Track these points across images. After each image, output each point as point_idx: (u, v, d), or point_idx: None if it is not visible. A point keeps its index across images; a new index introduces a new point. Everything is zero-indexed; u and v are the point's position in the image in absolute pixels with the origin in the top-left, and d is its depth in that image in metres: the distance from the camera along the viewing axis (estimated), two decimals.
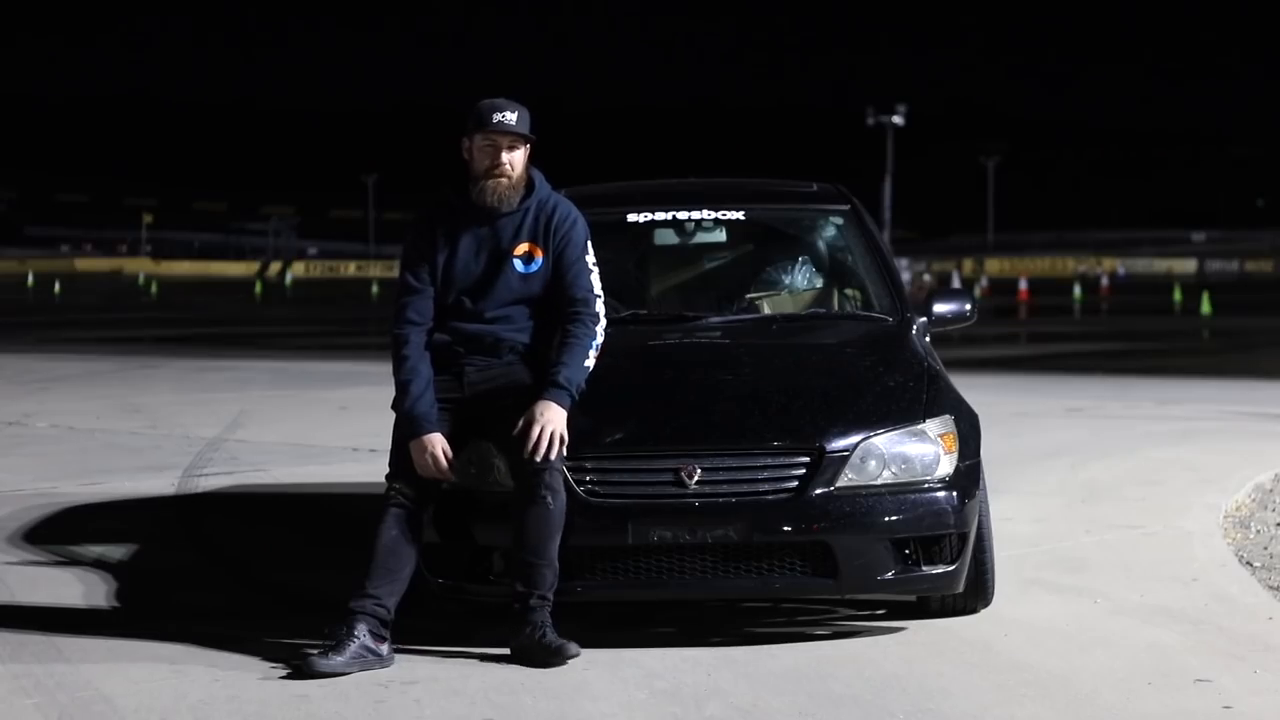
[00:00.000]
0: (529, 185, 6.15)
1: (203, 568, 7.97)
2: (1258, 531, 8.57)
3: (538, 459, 5.83)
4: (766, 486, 5.97)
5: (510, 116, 6.08)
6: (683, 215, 7.69)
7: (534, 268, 6.11)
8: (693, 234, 7.76)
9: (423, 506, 5.97)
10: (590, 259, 6.17)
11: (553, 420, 5.86)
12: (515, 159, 6.09)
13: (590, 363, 6.03)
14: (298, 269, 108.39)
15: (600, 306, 6.14)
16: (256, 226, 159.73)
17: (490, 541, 6.06)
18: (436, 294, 6.11)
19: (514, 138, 6.08)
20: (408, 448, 5.98)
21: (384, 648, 5.82)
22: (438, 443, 5.92)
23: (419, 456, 5.93)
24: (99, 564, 7.78)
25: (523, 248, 6.11)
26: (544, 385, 5.94)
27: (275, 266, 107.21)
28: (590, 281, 6.13)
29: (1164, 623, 6.43)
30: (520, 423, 5.87)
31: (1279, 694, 5.47)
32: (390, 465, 6.04)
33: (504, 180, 6.08)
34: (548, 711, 5.30)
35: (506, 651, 5.88)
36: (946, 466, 6.12)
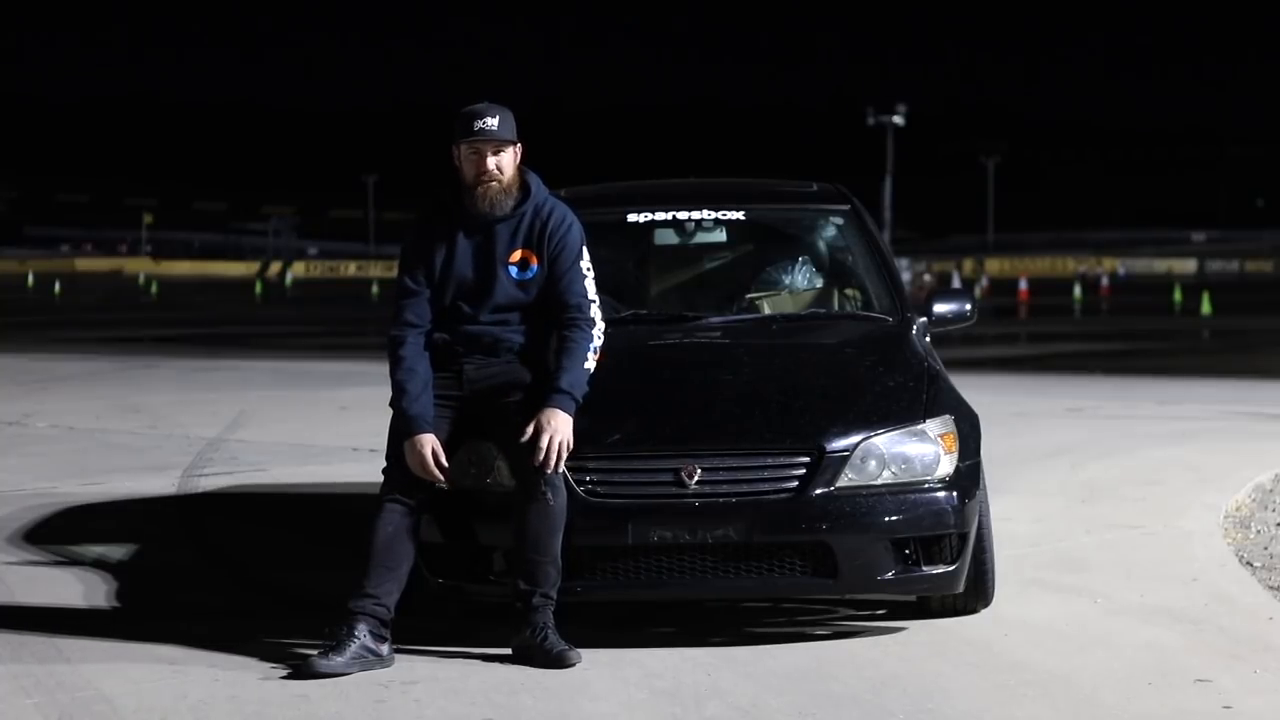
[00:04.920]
0: (524, 189, 6.14)
1: (203, 568, 7.97)
2: (1258, 531, 8.56)
3: (548, 470, 5.84)
4: (767, 486, 5.97)
5: (491, 122, 6.05)
6: (683, 215, 7.69)
7: (529, 274, 6.10)
8: (693, 234, 7.76)
9: (419, 502, 5.98)
10: (585, 264, 6.15)
11: (560, 428, 5.87)
12: (503, 163, 6.08)
13: (590, 366, 6.03)
14: (298, 269, 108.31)
15: (595, 311, 6.12)
16: (256, 226, 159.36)
17: (492, 541, 6.06)
18: (434, 296, 6.12)
19: (497, 143, 6.07)
20: (403, 444, 5.98)
21: (384, 648, 5.82)
22: (429, 443, 5.92)
23: (411, 456, 5.94)
24: (99, 564, 7.78)
25: (518, 254, 6.10)
26: (548, 392, 5.94)
27: (275, 266, 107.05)
28: (584, 287, 6.12)
29: (1164, 623, 6.43)
30: (530, 430, 5.87)
31: (1279, 694, 5.48)
32: (386, 461, 6.05)
33: (494, 185, 6.06)
34: (548, 711, 5.31)
35: (507, 651, 5.88)
36: (947, 466, 6.12)
